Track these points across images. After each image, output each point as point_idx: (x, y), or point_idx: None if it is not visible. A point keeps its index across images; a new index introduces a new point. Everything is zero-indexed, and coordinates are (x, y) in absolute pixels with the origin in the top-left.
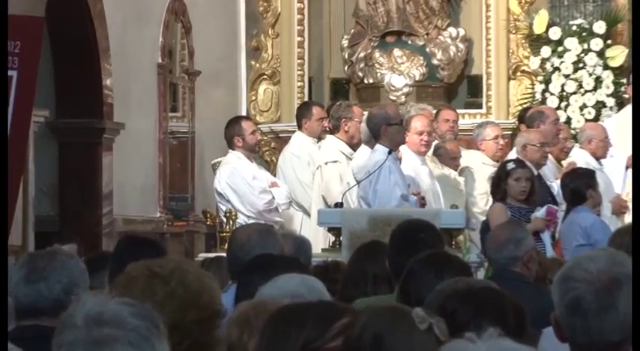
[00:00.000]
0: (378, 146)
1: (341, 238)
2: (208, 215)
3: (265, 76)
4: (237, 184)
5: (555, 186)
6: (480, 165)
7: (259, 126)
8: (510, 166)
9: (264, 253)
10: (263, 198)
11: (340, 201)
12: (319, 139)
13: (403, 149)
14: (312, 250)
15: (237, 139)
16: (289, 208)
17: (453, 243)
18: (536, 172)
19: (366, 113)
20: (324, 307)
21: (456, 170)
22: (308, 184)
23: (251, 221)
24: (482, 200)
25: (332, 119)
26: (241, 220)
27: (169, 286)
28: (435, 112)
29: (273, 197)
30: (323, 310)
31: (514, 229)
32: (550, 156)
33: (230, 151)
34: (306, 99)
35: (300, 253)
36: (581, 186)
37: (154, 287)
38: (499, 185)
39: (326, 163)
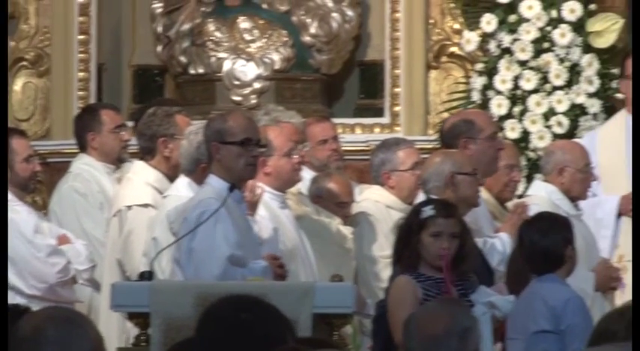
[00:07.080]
0: (211, 178)
1: (149, 331)
2: None
3: (25, 63)
4: (11, 245)
5: (498, 244)
6: (384, 210)
7: None
8: (428, 212)
9: None
10: (55, 263)
11: (148, 269)
12: (120, 162)
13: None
14: None
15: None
16: (93, 276)
17: (336, 337)
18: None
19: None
20: None
21: (345, 219)
22: (101, 239)
23: (35, 304)
24: (386, 268)
25: (141, 139)
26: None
27: None
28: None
29: (69, 261)
30: None
31: (454, 313)
32: (485, 193)
33: None
34: (92, 100)
35: None
36: (558, 243)
37: None
38: (408, 243)
39: (129, 208)
